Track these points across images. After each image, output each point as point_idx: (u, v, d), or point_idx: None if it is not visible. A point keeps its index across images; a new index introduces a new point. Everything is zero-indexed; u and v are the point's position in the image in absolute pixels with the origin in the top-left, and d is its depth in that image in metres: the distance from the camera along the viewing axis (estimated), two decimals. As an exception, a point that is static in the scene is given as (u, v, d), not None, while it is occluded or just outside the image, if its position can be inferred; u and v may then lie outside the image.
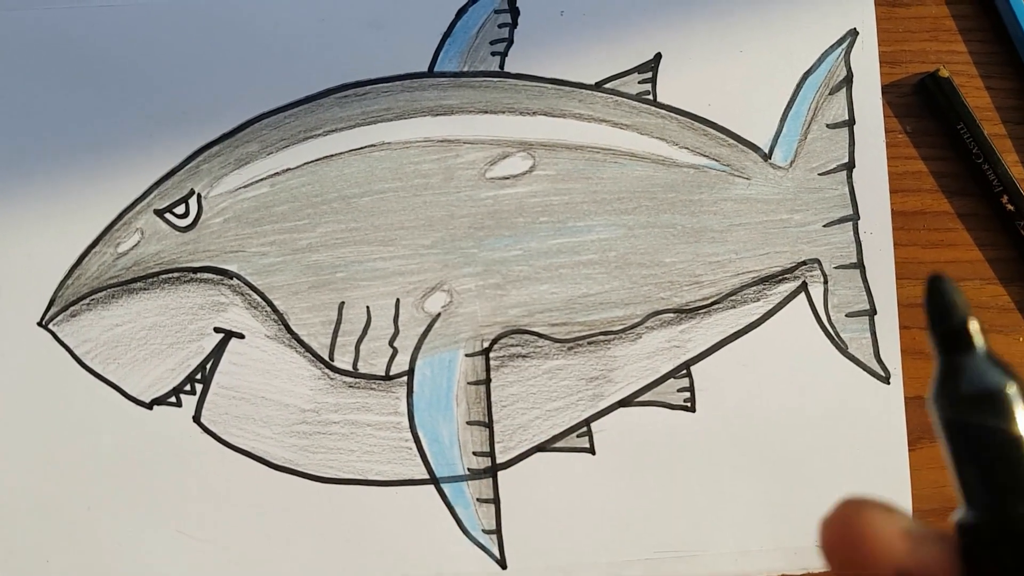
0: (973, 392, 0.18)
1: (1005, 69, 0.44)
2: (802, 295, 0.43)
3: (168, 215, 0.42)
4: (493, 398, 0.42)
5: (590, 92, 0.43)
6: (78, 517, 0.41)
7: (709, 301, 0.43)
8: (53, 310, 0.41)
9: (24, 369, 0.41)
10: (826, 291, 0.43)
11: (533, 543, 0.42)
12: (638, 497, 0.42)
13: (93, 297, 0.41)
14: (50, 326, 0.41)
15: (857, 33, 0.44)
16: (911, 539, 0.19)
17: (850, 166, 0.43)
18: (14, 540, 0.41)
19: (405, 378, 0.42)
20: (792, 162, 0.43)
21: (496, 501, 0.42)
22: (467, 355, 0.42)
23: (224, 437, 0.41)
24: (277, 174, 0.42)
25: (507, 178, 0.42)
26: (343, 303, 0.42)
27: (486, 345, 0.42)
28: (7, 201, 0.41)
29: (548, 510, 0.42)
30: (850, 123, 0.44)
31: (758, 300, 0.43)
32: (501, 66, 0.43)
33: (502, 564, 0.42)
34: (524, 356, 0.42)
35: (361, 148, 0.42)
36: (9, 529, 0.41)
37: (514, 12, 0.43)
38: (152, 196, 0.42)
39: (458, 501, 0.42)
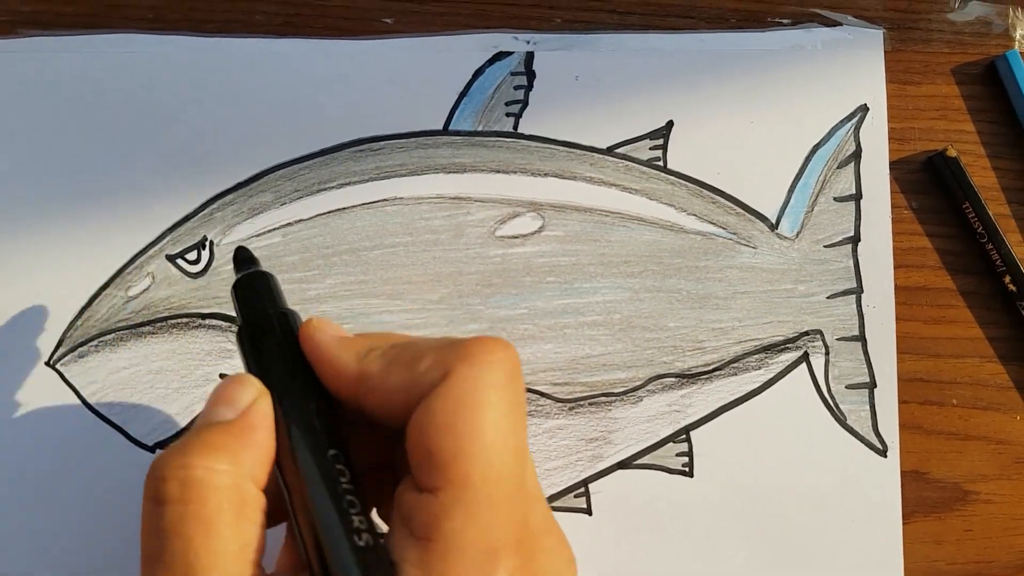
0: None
1: (1012, 150, 0.45)
2: (803, 365, 0.43)
3: (180, 261, 0.42)
4: None
5: (601, 156, 0.43)
6: (77, 555, 0.41)
7: (711, 367, 0.43)
8: (61, 350, 0.41)
9: (30, 408, 0.41)
10: (827, 362, 0.43)
11: (526, 602, 0.42)
12: (634, 560, 0.42)
13: (102, 339, 0.41)
14: (58, 366, 0.41)
15: (867, 109, 0.44)
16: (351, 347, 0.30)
17: (856, 240, 0.44)
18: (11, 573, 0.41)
19: None
20: (798, 233, 0.44)
21: None
22: None
23: None
24: (289, 224, 0.42)
25: (516, 237, 0.43)
26: None
27: None
28: (20, 241, 0.42)
29: (542, 569, 0.42)
30: (857, 197, 0.44)
31: (759, 368, 0.43)
32: (515, 127, 0.43)
33: (494, 622, 0.42)
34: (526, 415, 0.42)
35: (374, 202, 0.43)
36: (8, 566, 0.41)
37: (530, 75, 0.43)
38: (165, 241, 0.42)
39: None
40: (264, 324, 0.31)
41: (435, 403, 0.27)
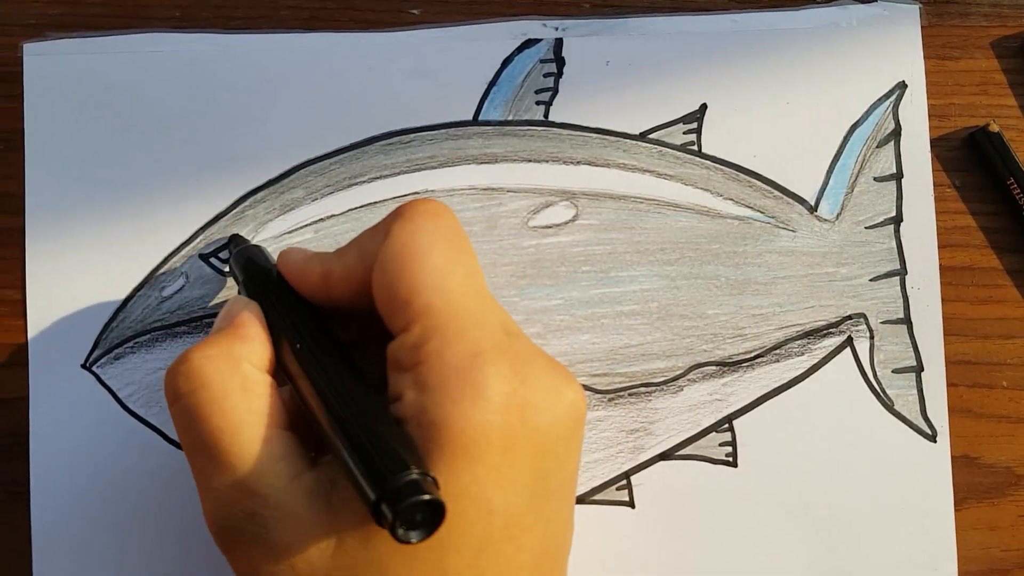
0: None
1: (1057, 124, 0.44)
2: (847, 350, 0.43)
3: (213, 260, 0.42)
4: None
5: (634, 142, 0.43)
6: (116, 557, 0.41)
7: (752, 355, 0.42)
8: (97, 352, 0.41)
9: (67, 410, 0.41)
10: (872, 346, 0.43)
11: (570, 597, 0.41)
12: (678, 552, 0.42)
13: (137, 340, 0.41)
14: (94, 368, 0.41)
15: (906, 86, 0.43)
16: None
17: (898, 220, 0.43)
18: (52, 582, 0.41)
19: None
20: (838, 215, 0.43)
21: None
22: None
23: None
24: (321, 220, 0.42)
25: (550, 227, 0.42)
26: None
27: None
28: (55, 244, 0.42)
29: (586, 563, 0.41)
30: (898, 176, 0.43)
31: (802, 354, 0.43)
32: (546, 115, 0.43)
33: (539, 618, 0.41)
34: None
35: (405, 195, 0.42)
36: (48, 567, 0.41)
37: (560, 62, 0.43)
38: (197, 241, 0.42)
39: None
40: (255, 267, 0.37)
41: (384, 258, 0.31)
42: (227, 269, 0.42)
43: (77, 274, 0.42)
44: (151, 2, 0.43)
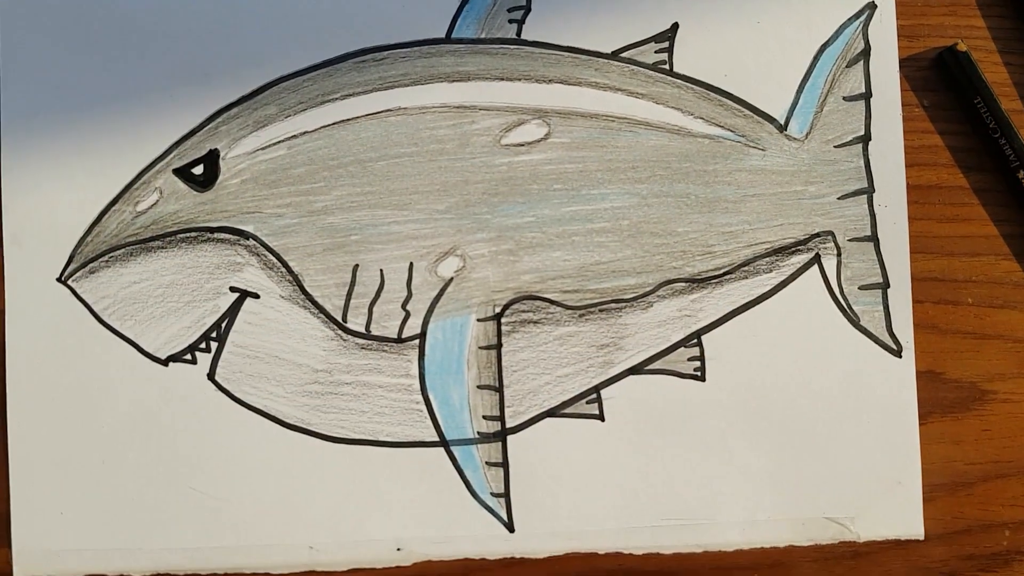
0: None
1: (1023, 45, 0.44)
2: (815, 267, 0.43)
3: (187, 174, 0.42)
4: (504, 363, 0.42)
5: (606, 61, 0.43)
6: (93, 470, 0.42)
7: (721, 271, 0.43)
8: (72, 266, 0.42)
9: (43, 324, 0.41)
10: (839, 263, 0.43)
11: (541, 508, 0.42)
12: (646, 465, 0.42)
13: (112, 255, 0.42)
14: (69, 282, 0.42)
15: (875, 6, 0.44)
16: None
17: (866, 139, 0.43)
18: (30, 491, 0.41)
19: (417, 341, 0.42)
20: (808, 134, 0.43)
21: (505, 465, 0.42)
22: (479, 320, 0.42)
23: (238, 395, 0.42)
24: (294, 137, 0.42)
25: (522, 145, 0.43)
26: (357, 265, 0.42)
27: (498, 310, 0.42)
28: (28, 159, 0.42)
29: (556, 475, 0.42)
30: (867, 96, 0.43)
31: (770, 271, 0.43)
32: (518, 34, 0.43)
33: (510, 527, 0.42)
34: (535, 322, 0.42)
35: (378, 113, 0.42)
36: (25, 480, 0.41)
37: None
38: (172, 156, 0.42)
39: (467, 464, 0.42)
40: None
41: None
42: (201, 184, 0.42)
43: (51, 189, 0.42)
44: (123, -82, 0.42)
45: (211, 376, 0.42)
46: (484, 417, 0.42)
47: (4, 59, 0.42)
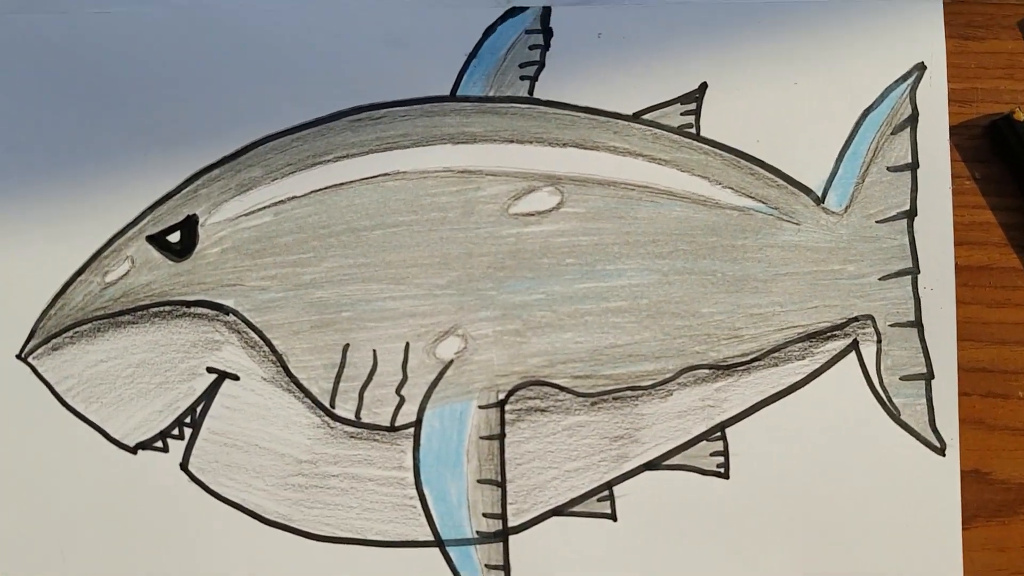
0: None
1: (1088, 113, 0.42)
2: (852, 354, 0.41)
3: (162, 242, 0.40)
4: (507, 455, 0.41)
5: (627, 123, 0.41)
6: (51, 566, 0.40)
7: (749, 357, 0.41)
8: (33, 342, 0.40)
9: (1, 403, 0.40)
10: (879, 351, 0.41)
11: (545, 616, 0.40)
12: (663, 570, 0.40)
13: (77, 330, 0.40)
14: (30, 359, 0.40)
15: (925, 68, 0.42)
16: None
17: (911, 214, 0.41)
18: (-17, 589, 0.40)
19: (412, 430, 0.41)
20: (847, 207, 0.42)
21: (506, 568, 0.40)
22: (480, 407, 0.41)
23: (213, 487, 0.40)
24: (282, 202, 0.41)
25: (532, 215, 0.41)
26: (347, 345, 0.40)
27: (502, 397, 0.41)
28: (-11, 221, 0.40)
29: (563, 580, 0.40)
30: (913, 166, 0.42)
31: (803, 358, 0.41)
32: (531, 92, 0.41)
33: (511, 637, 0.40)
34: (543, 410, 0.41)
35: (374, 177, 0.41)
36: (-21, 576, 0.40)
37: (547, 33, 0.41)
38: (145, 221, 0.40)
39: (464, 566, 0.40)
40: None
41: None
42: (177, 254, 0.40)
43: (12, 257, 0.40)
44: (97, -43, 0.41)
45: (184, 466, 0.40)
46: (484, 515, 0.40)
47: (-37, 110, 0.40)
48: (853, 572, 0.40)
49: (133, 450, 0.40)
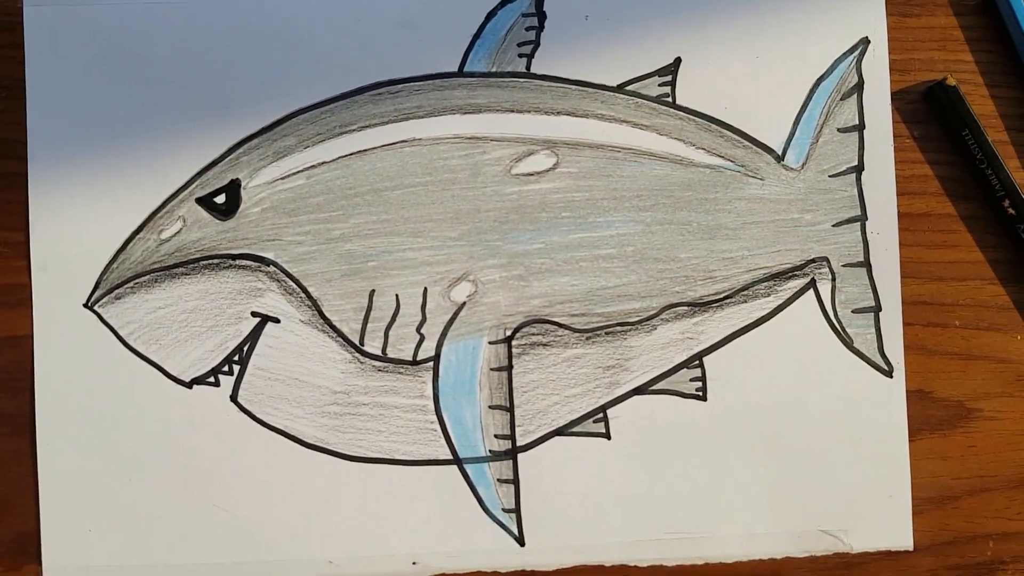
0: None
1: (1009, 78, 0.46)
2: (811, 291, 0.45)
3: (209, 203, 0.43)
4: (515, 384, 0.44)
5: (612, 94, 0.44)
6: (119, 489, 0.43)
7: (722, 296, 0.44)
8: (99, 292, 0.43)
9: (71, 349, 0.43)
10: (834, 288, 0.45)
11: (550, 522, 0.43)
12: (650, 481, 0.44)
13: (137, 281, 0.43)
14: (96, 308, 0.43)
15: (869, 42, 0.45)
16: None
17: (859, 169, 0.45)
18: (59, 510, 0.43)
19: (431, 363, 0.43)
20: (804, 164, 0.45)
21: (516, 482, 0.43)
22: (490, 343, 0.44)
23: (259, 416, 0.43)
24: (313, 167, 0.43)
25: (531, 175, 0.44)
26: (374, 291, 0.43)
27: (508, 333, 0.44)
28: (57, 188, 0.43)
29: (565, 491, 0.44)
30: (860, 128, 0.45)
31: (768, 296, 0.45)
32: (528, 67, 0.44)
33: (520, 541, 0.43)
34: (545, 345, 0.44)
35: (393, 144, 0.44)
36: (54, 500, 0.43)
37: (541, 16, 0.44)
38: (194, 186, 0.43)
39: (479, 481, 0.43)
40: None
41: None
42: (223, 213, 0.43)
43: (78, 217, 0.43)
44: (146, -46, 0.44)
45: (234, 398, 0.43)
46: (496, 436, 0.43)
47: (31, 90, 0.43)
48: (814, 480, 0.44)
49: (189, 385, 0.43)
